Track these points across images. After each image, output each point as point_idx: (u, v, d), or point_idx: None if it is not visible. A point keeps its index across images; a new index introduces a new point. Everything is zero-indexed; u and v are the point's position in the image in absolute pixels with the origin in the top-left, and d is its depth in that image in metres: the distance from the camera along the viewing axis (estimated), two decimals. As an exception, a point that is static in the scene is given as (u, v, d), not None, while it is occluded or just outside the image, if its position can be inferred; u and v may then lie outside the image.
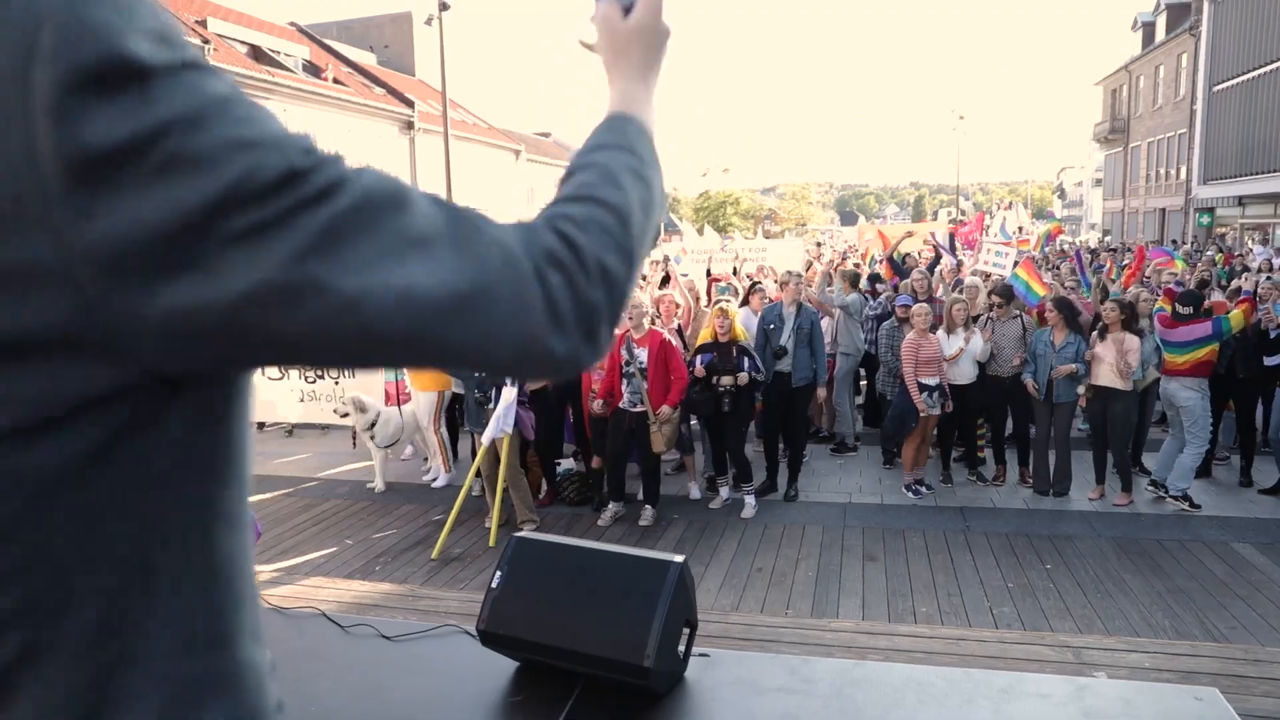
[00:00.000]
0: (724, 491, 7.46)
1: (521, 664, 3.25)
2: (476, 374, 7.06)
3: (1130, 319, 6.86)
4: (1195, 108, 32.62)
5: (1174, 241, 28.03)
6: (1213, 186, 30.04)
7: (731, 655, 3.25)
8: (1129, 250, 24.47)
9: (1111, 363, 6.86)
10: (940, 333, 7.50)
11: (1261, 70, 26.49)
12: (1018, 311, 7.69)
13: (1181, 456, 6.82)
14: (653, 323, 7.22)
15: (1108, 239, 39.44)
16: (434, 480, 8.40)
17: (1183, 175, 34.80)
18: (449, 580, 5.97)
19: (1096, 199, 66.29)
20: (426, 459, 8.94)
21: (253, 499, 3.10)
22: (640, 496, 7.33)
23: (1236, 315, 6.84)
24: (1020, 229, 17.33)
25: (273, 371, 9.07)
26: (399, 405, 8.84)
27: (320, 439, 10.45)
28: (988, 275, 8.86)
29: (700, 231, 14.17)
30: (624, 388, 6.95)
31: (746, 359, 7.07)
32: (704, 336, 7.45)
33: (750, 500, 7.21)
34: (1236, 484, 7.57)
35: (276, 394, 9.11)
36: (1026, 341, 7.52)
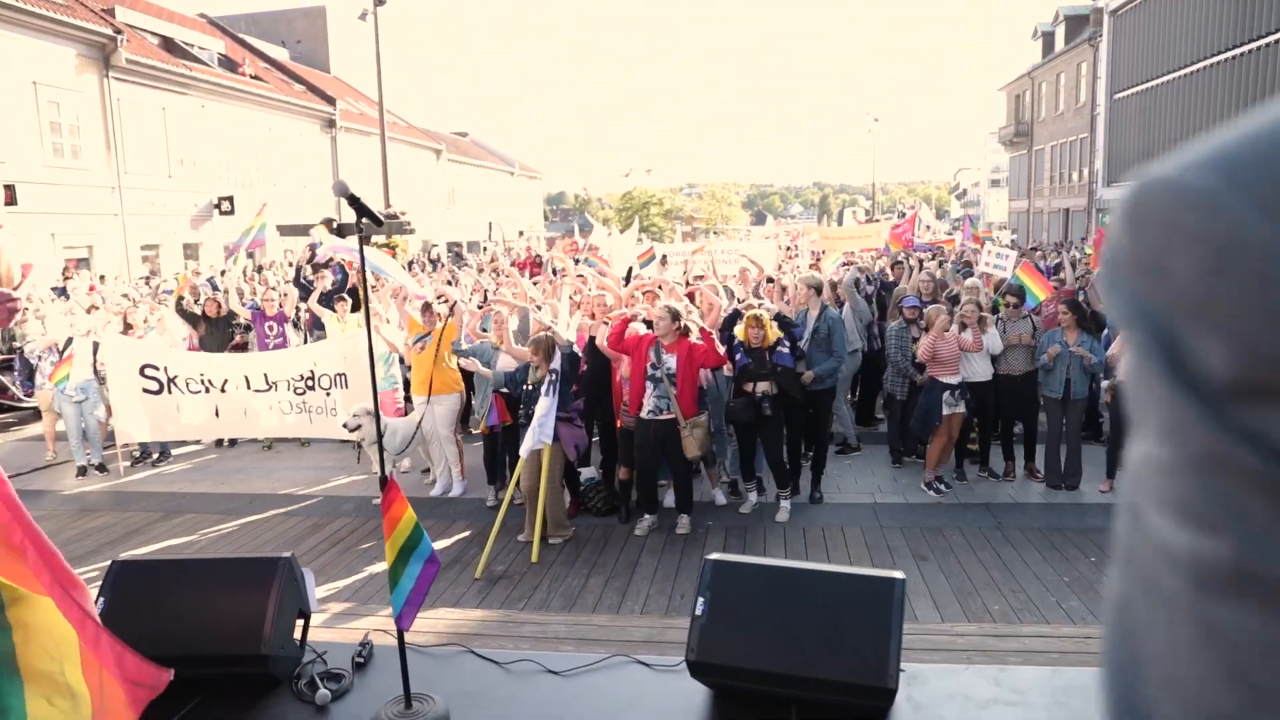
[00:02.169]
0: (752, 496, 7.43)
1: (718, 691, 3.12)
2: (523, 386, 6.85)
3: None
4: (1096, 114, 34.52)
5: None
6: (1116, 189, 31.83)
7: (928, 669, 3.20)
8: (1035, 249, 25.71)
9: None
10: (964, 332, 7.64)
11: (1159, 80, 28.23)
12: (1027, 312, 7.94)
13: None
14: (686, 333, 7.06)
15: (1014, 237, 41.27)
16: (446, 491, 8.11)
17: (1085, 177, 36.78)
18: (505, 600, 5.74)
19: (993, 199, 69.43)
20: (429, 469, 8.62)
21: (253, 519, 2.89)
22: (666, 504, 7.30)
23: None
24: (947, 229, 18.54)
25: (259, 383, 8.57)
26: (404, 415, 8.52)
27: (302, 452, 9.93)
28: (988, 277, 9.18)
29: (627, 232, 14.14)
30: (649, 392, 6.83)
31: (782, 349, 7.04)
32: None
33: (786, 504, 7.20)
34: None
35: (262, 406, 8.60)
36: (1037, 340, 7.77)
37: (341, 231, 15.61)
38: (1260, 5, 22.66)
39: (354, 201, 2.77)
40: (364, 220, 2.84)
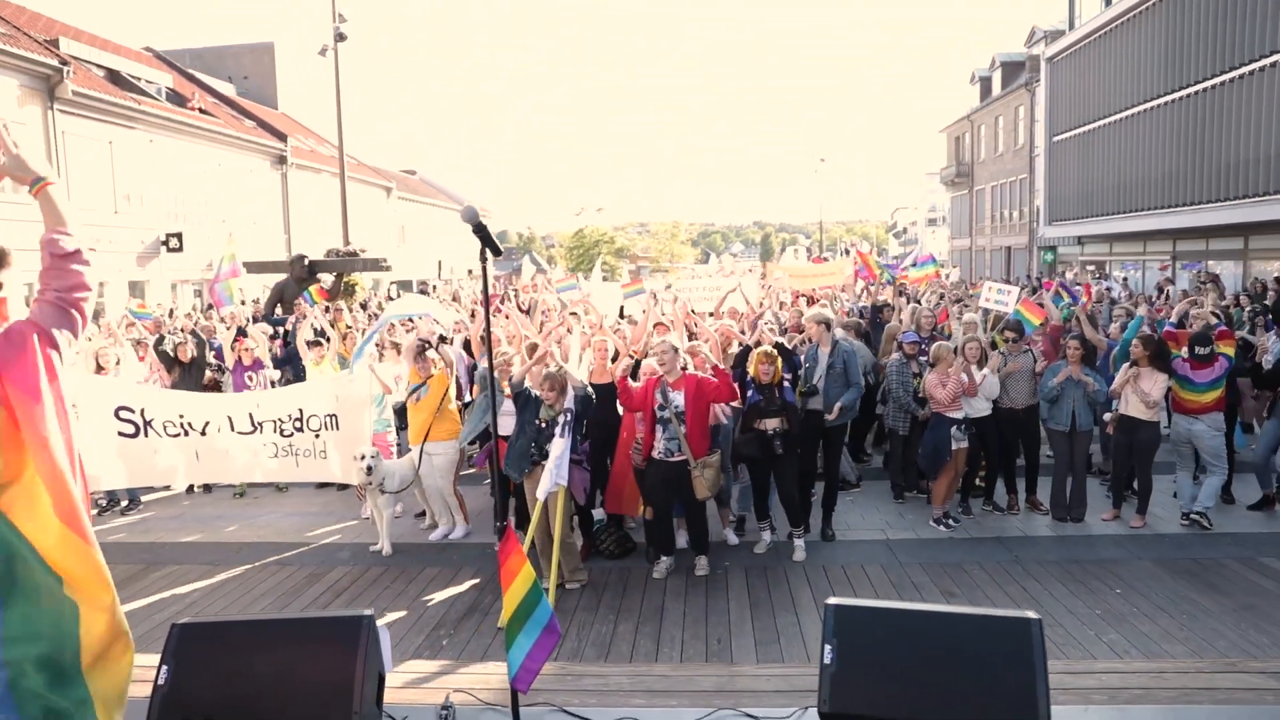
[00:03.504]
0: (766, 536, 7.30)
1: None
2: (534, 422, 6.63)
3: (1157, 356, 7.29)
4: (1035, 155, 35.88)
5: (1030, 276, 30.52)
6: (1057, 227, 33.02)
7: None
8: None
9: (1142, 395, 7.24)
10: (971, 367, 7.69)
11: (1096, 124, 29.50)
12: (1028, 346, 8.05)
13: (1211, 480, 7.30)
14: (687, 370, 6.96)
15: (956, 272, 42.36)
16: (446, 535, 7.82)
17: (1025, 216, 38.09)
18: (535, 649, 5.47)
19: (929, 238, 71.50)
20: (423, 513, 8.30)
21: (244, 570, 2.88)
22: (682, 545, 7.15)
23: (1229, 348, 7.43)
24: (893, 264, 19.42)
25: (243, 424, 8.16)
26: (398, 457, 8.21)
27: (280, 498, 9.50)
28: (988, 312, 9.34)
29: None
30: (659, 434, 6.68)
31: (785, 381, 7.00)
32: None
33: (800, 543, 7.09)
34: (1219, 502, 8.13)
35: (245, 450, 8.17)
36: (1038, 374, 7.87)
37: (313, 269, 15.25)
38: (1188, 56, 23.90)
39: (480, 230, 2.62)
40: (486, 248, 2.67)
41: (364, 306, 16.66)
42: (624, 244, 60.11)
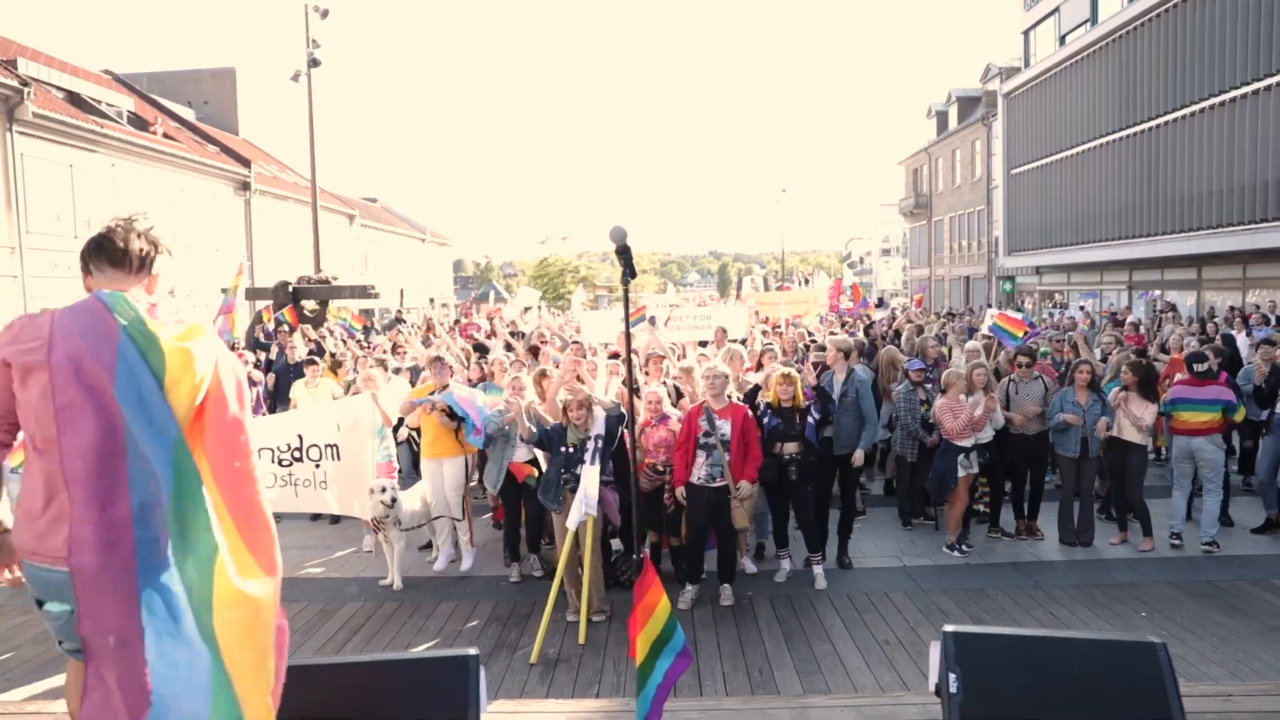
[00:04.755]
0: (785, 564, 7.25)
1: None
2: (562, 449, 6.52)
3: (1145, 382, 7.45)
4: (993, 187, 36.85)
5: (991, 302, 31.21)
6: (1016, 257, 33.88)
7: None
8: (953, 316, 27.11)
9: (1134, 419, 7.40)
10: (970, 396, 7.77)
11: (1052, 158, 30.45)
12: (1038, 373, 8.17)
13: (1208, 505, 7.44)
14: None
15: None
16: (451, 562, 7.62)
17: (984, 246, 39.01)
18: (576, 686, 5.33)
19: (883, 267, 72.82)
20: (429, 544, 8.09)
21: None
22: (699, 574, 7.04)
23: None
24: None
25: (240, 457, 7.87)
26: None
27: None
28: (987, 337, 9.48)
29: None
30: (702, 460, 6.60)
31: (811, 419, 6.99)
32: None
33: (820, 570, 7.05)
34: (1220, 526, 8.29)
35: (242, 483, 7.89)
36: (1048, 401, 7.98)
37: (298, 295, 14.93)
38: (1141, 94, 24.83)
39: (623, 251, 2.55)
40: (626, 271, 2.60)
41: (331, 333, 16.37)
42: (587, 273, 60.21)
